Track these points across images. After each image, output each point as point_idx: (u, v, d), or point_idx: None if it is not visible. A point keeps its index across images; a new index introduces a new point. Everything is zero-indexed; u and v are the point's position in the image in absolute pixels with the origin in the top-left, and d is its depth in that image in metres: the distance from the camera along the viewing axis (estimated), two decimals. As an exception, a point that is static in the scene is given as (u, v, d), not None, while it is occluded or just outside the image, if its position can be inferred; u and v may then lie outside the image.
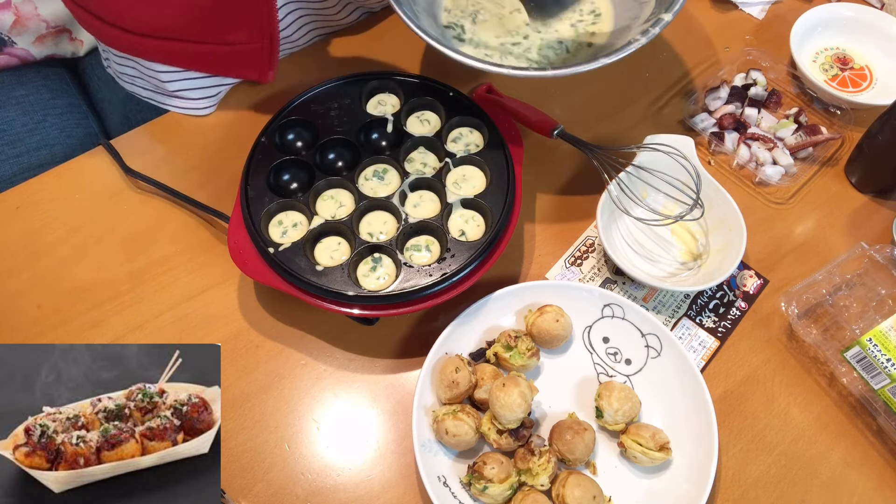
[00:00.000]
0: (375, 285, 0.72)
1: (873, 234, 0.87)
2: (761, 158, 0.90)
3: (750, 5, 1.08)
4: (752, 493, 0.71)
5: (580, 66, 0.74)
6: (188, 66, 0.89)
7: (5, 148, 1.09)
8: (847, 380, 0.75)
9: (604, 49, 0.87)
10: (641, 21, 0.82)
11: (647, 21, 0.77)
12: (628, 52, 0.74)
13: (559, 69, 0.75)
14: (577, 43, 0.89)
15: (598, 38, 0.88)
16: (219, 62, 0.89)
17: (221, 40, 0.85)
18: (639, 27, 0.80)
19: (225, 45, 0.86)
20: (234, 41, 0.85)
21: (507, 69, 0.75)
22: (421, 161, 0.82)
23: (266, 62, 0.88)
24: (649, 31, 0.74)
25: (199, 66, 0.90)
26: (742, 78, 0.98)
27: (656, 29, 0.74)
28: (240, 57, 0.88)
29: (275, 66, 0.89)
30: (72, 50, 1.21)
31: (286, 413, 0.74)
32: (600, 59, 0.74)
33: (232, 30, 0.84)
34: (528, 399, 0.67)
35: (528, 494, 0.66)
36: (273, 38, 0.85)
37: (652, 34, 0.74)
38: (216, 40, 0.86)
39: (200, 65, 0.89)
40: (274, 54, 0.87)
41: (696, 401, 0.72)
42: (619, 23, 0.89)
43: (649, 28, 0.74)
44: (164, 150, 0.92)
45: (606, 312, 0.78)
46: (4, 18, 1.10)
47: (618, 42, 0.81)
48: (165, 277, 0.82)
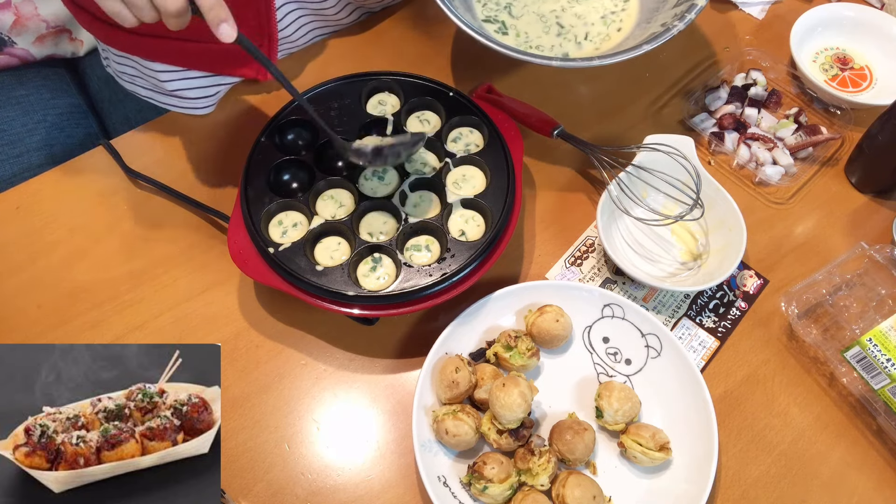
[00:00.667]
0: (375, 285, 0.72)
1: (873, 234, 0.87)
2: (761, 158, 0.90)
3: (750, 5, 1.08)
4: (752, 493, 0.71)
5: (624, 53, 0.77)
6: (187, 65, 0.89)
7: (5, 148, 1.09)
8: (847, 380, 0.75)
9: (631, 37, 0.90)
10: (671, 6, 0.84)
11: (680, 5, 0.79)
12: (668, 37, 0.77)
13: (605, 57, 0.78)
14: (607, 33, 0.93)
15: (625, 25, 0.92)
16: (217, 61, 0.89)
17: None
18: (669, 11, 0.82)
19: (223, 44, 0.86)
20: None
21: (558, 61, 0.78)
22: (421, 161, 0.82)
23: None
24: (685, 17, 0.77)
25: (198, 65, 0.89)
26: (742, 78, 0.98)
27: (692, 14, 0.77)
28: (238, 56, 0.88)
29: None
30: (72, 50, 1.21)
31: (286, 413, 0.74)
32: (642, 45, 0.76)
33: None
34: (528, 399, 0.67)
35: (528, 494, 0.66)
36: (272, 37, 0.85)
37: (689, 19, 0.77)
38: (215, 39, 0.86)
39: (199, 64, 0.89)
40: (273, 53, 0.87)
41: (696, 401, 0.72)
42: (645, 7, 0.92)
43: (685, 13, 0.77)
44: (164, 150, 0.92)
45: (606, 312, 0.78)
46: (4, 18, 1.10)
47: (650, 28, 0.83)
48: (165, 277, 0.82)
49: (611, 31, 0.93)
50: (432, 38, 1.03)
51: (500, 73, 0.98)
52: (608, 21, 0.94)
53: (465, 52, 1.01)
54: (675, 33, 0.78)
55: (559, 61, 0.79)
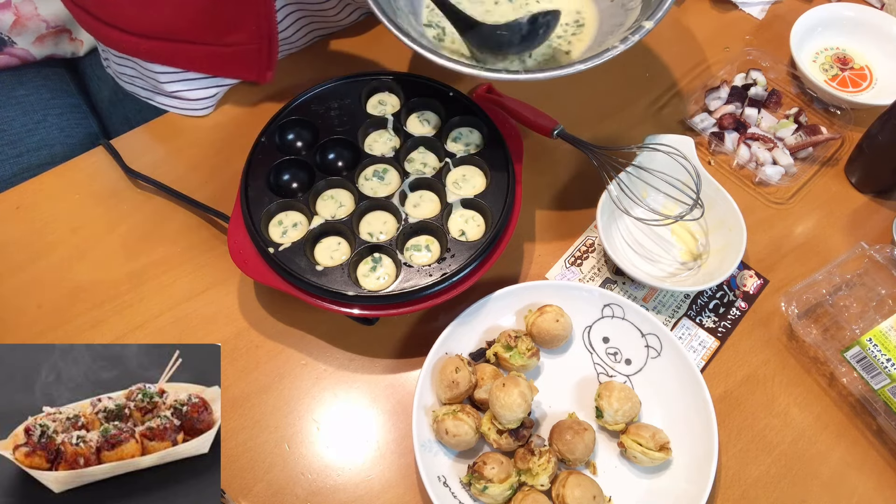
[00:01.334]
0: (375, 285, 0.72)
1: (873, 234, 0.87)
2: (761, 158, 0.90)
3: (750, 5, 1.08)
4: (752, 493, 0.71)
5: (556, 70, 0.72)
6: (186, 66, 0.89)
7: (5, 148, 1.09)
8: (847, 380, 0.75)
9: (584, 53, 0.85)
10: (624, 29, 0.79)
11: (629, 29, 0.75)
12: (605, 59, 0.72)
13: (533, 73, 0.73)
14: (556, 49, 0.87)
15: (575, 48, 0.86)
16: (217, 63, 0.89)
17: (220, 41, 0.85)
18: (620, 34, 0.77)
19: (223, 46, 0.86)
20: (232, 42, 0.85)
21: (488, 72, 0.73)
22: (421, 161, 0.82)
23: (265, 63, 0.88)
24: (628, 39, 0.72)
25: (198, 67, 0.90)
26: (742, 78, 0.98)
27: (636, 37, 0.72)
28: (238, 58, 0.88)
29: (273, 66, 0.89)
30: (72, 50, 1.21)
31: (286, 413, 0.74)
32: (576, 64, 0.71)
33: (230, 31, 0.84)
34: (528, 399, 0.67)
35: (528, 494, 0.66)
36: (272, 39, 0.85)
37: (631, 41, 0.72)
38: (214, 41, 0.85)
39: (198, 66, 0.89)
40: (273, 55, 0.87)
41: (696, 401, 0.72)
42: (602, 30, 0.86)
43: (629, 35, 0.72)
44: (164, 150, 0.92)
45: (606, 312, 0.78)
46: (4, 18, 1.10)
47: (597, 48, 0.78)
48: (165, 277, 0.82)
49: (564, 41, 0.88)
50: (432, 38, 1.03)
51: (500, 73, 0.98)
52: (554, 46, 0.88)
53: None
54: (613, 55, 0.72)
55: (489, 72, 0.73)
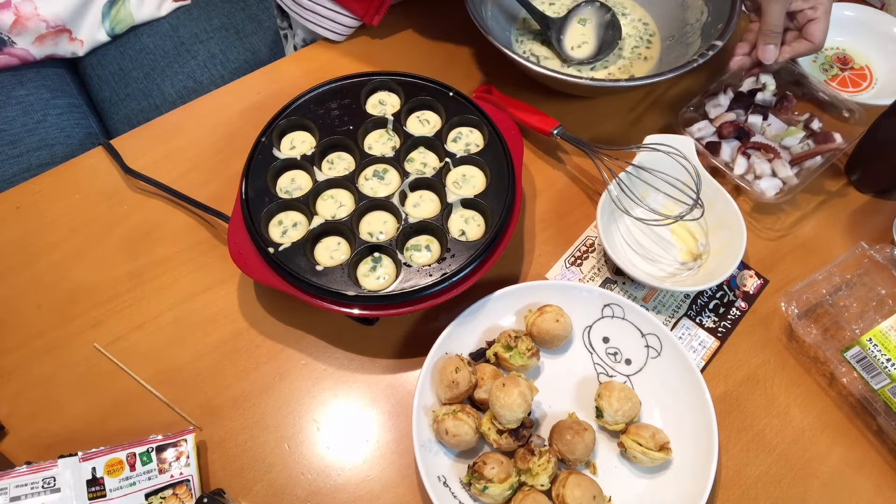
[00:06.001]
0: (375, 285, 0.72)
1: (873, 234, 0.87)
2: (759, 171, 0.86)
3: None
4: (752, 493, 0.71)
5: (645, 79, 0.84)
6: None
7: (5, 148, 1.09)
8: (847, 380, 0.75)
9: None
10: (694, 23, 0.96)
11: (703, 46, 0.89)
12: (687, 69, 0.84)
13: (629, 81, 0.84)
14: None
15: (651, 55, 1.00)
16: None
17: None
18: (696, 45, 0.93)
19: None
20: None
21: (586, 80, 0.84)
22: (421, 161, 0.82)
23: (376, 5, 0.93)
24: (707, 55, 0.85)
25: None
26: (751, 83, 0.93)
27: (710, 53, 0.85)
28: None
29: (383, 12, 0.94)
30: (72, 50, 1.21)
31: (286, 413, 0.74)
32: (666, 73, 0.84)
33: None
34: (528, 399, 0.67)
35: (528, 494, 0.66)
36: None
37: (708, 56, 0.85)
38: None
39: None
40: (385, 2, 0.92)
41: (696, 401, 0.72)
42: (664, 35, 1.01)
43: (707, 52, 0.86)
44: (164, 150, 0.92)
45: (606, 312, 0.78)
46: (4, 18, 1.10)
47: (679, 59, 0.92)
48: (165, 277, 0.82)
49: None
50: (433, 38, 1.03)
51: (500, 73, 0.98)
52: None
53: (466, 51, 1.01)
54: (694, 67, 0.84)
55: (587, 80, 0.84)
